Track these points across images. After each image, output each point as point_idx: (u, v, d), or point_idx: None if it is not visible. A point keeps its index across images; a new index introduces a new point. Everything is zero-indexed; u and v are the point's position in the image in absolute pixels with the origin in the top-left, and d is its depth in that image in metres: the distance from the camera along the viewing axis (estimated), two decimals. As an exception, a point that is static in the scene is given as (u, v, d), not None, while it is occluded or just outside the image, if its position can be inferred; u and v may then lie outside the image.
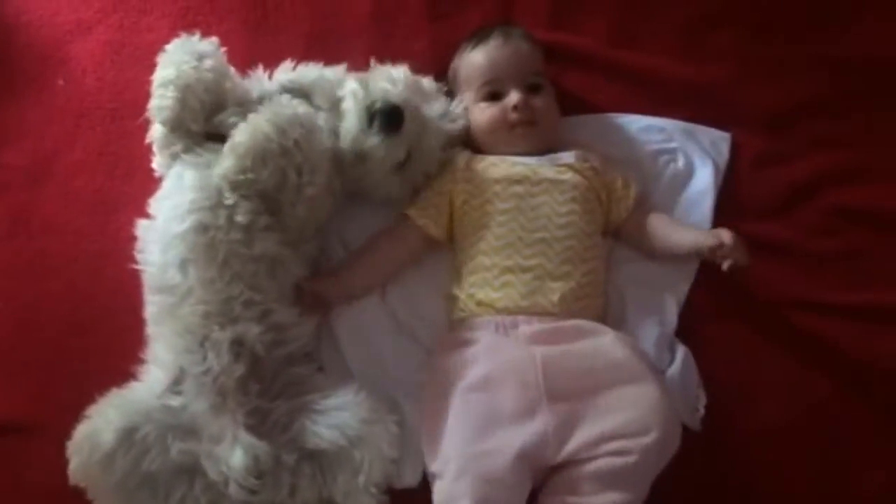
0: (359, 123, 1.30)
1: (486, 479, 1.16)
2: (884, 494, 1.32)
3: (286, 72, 1.40)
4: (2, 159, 1.51)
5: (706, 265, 1.39)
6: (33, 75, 1.56)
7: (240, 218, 1.23)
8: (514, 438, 1.18)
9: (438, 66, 1.49)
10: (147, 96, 1.48)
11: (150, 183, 1.41)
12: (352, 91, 1.32)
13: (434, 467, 1.22)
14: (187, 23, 1.57)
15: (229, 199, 1.23)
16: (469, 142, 1.44)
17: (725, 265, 1.27)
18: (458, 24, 1.54)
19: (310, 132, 1.25)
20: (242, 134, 1.22)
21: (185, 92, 1.27)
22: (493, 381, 1.23)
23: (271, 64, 1.44)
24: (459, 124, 1.39)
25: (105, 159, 1.51)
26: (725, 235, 1.28)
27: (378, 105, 1.29)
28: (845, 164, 1.47)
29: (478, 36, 1.44)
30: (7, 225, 1.47)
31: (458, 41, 1.49)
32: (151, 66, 1.52)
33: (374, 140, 1.29)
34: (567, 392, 1.21)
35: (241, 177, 1.21)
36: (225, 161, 1.23)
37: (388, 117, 1.29)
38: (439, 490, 1.19)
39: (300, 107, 1.29)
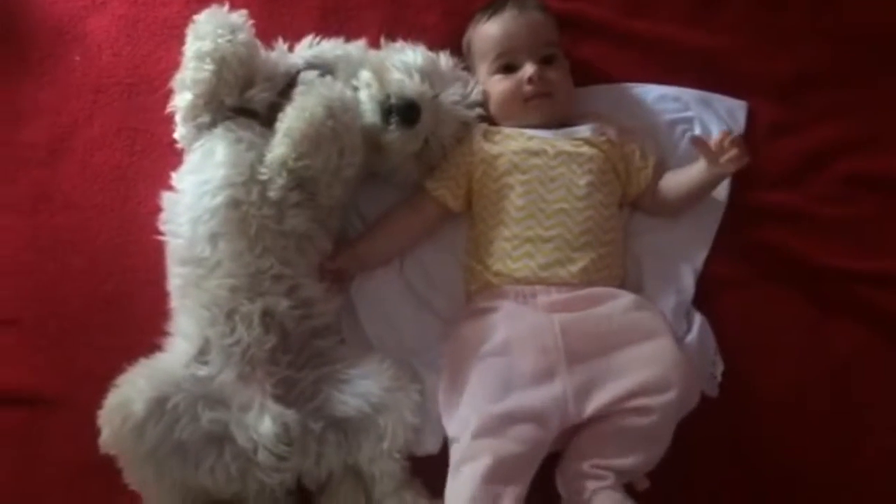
0: (374, 117, 1.29)
1: (505, 439, 1.17)
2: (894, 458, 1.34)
3: (306, 48, 1.39)
4: (21, 136, 1.51)
5: (722, 233, 1.41)
6: (49, 51, 1.56)
7: (272, 194, 1.24)
8: (533, 400, 1.20)
9: (452, 38, 1.49)
10: (163, 71, 1.51)
11: (169, 157, 1.43)
12: (366, 82, 1.31)
13: (452, 430, 1.24)
14: (201, -4, 1.57)
15: (264, 174, 1.23)
16: (485, 113, 1.43)
17: (729, 164, 1.29)
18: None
19: (355, 115, 1.25)
20: (297, 119, 1.21)
21: (222, 65, 1.26)
22: (512, 346, 1.24)
23: (286, 36, 1.43)
24: (476, 112, 1.38)
25: (123, 134, 1.51)
26: (719, 134, 1.30)
27: (393, 101, 1.28)
28: (856, 133, 1.47)
29: (492, 7, 1.43)
30: (29, 201, 1.48)
31: (470, 13, 1.48)
32: (166, 41, 1.56)
33: (391, 135, 1.29)
34: (585, 354, 1.23)
35: (300, 163, 1.21)
36: (280, 147, 1.22)
37: (405, 112, 1.28)
38: (458, 450, 1.20)
39: (338, 87, 1.28)
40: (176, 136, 1.36)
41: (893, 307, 1.38)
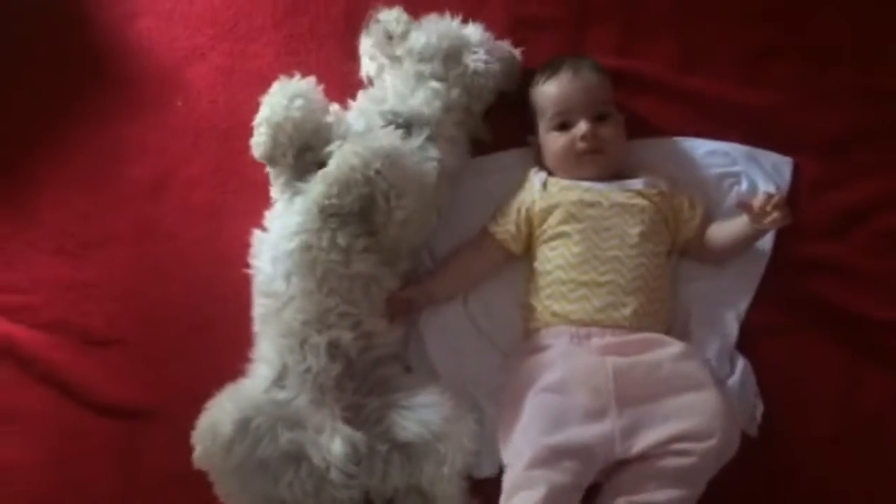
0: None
1: (555, 471, 1.23)
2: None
3: (378, 102, 1.47)
4: (128, 173, 1.61)
5: (766, 282, 1.45)
6: (154, 97, 1.66)
7: (340, 240, 1.33)
8: (584, 436, 1.26)
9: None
10: (254, 118, 1.58)
11: (258, 198, 1.50)
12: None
13: (507, 457, 1.30)
14: (290, 49, 1.66)
15: (332, 223, 1.33)
16: (542, 163, 1.50)
17: (771, 224, 1.33)
18: (532, 50, 1.58)
19: (394, 161, 1.32)
20: (331, 164, 1.33)
21: (276, 129, 1.38)
22: (566, 385, 1.30)
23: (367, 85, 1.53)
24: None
25: (218, 175, 1.59)
26: (762, 197, 1.34)
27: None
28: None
29: (550, 68, 1.49)
30: (133, 232, 1.57)
31: (533, 66, 1.55)
32: (258, 90, 1.59)
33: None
34: (635, 398, 1.28)
35: (328, 201, 1.31)
36: (315, 187, 1.33)
37: None
38: (510, 478, 1.27)
39: (387, 139, 1.36)
40: (271, 192, 1.45)
41: (928, 358, 1.41)
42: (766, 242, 1.46)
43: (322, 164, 1.37)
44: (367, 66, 1.56)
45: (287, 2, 1.69)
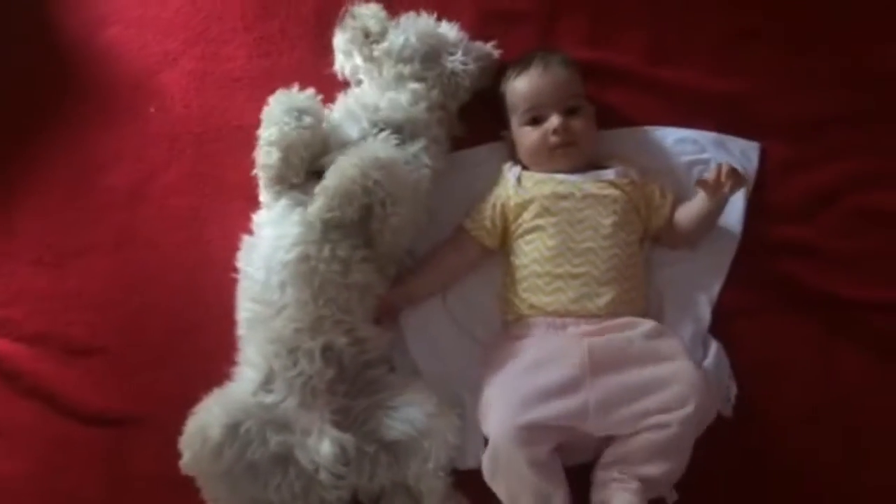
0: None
1: (532, 446, 1.26)
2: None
3: (371, 111, 1.45)
4: (104, 182, 1.60)
5: (737, 264, 1.47)
6: (128, 104, 1.64)
7: (341, 252, 1.33)
8: (558, 409, 1.27)
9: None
10: (229, 120, 1.60)
11: (236, 200, 1.52)
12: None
13: (487, 432, 1.32)
14: (262, 51, 1.65)
15: (333, 235, 1.32)
16: (516, 157, 1.51)
17: (726, 192, 1.36)
18: (504, 43, 1.57)
19: (390, 171, 1.32)
20: (330, 177, 1.32)
21: (288, 151, 1.35)
22: (542, 363, 1.32)
23: (340, 88, 1.52)
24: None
25: (195, 179, 1.58)
26: (713, 171, 1.37)
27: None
28: (865, 170, 1.51)
29: (520, 63, 1.49)
30: (112, 240, 1.56)
31: (504, 60, 1.55)
32: (232, 93, 1.62)
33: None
34: (608, 368, 1.30)
35: (330, 214, 1.31)
36: (316, 202, 1.32)
37: None
38: (489, 457, 1.29)
39: (382, 149, 1.36)
40: (260, 197, 1.43)
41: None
42: (736, 226, 1.48)
43: (316, 172, 1.37)
44: (340, 63, 1.54)
45: (257, 4, 1.67)
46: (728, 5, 1.61)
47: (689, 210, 1.44)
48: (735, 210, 1.49)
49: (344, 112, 1.46)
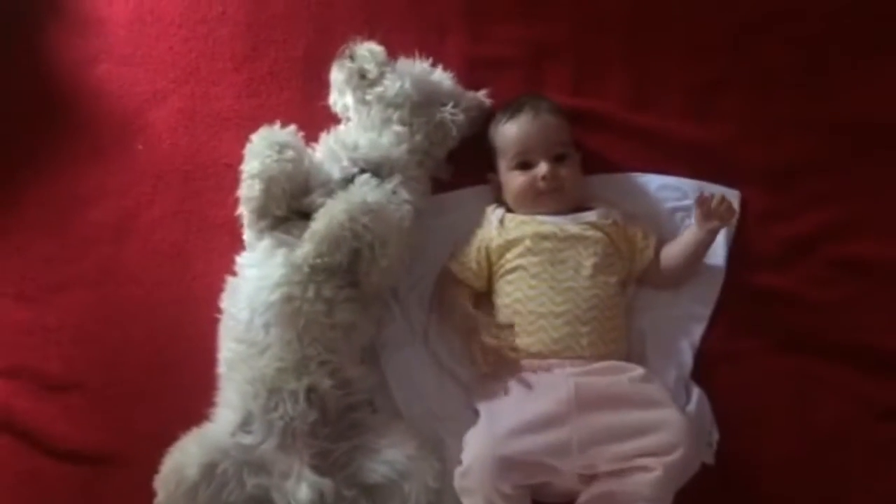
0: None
1: (510, 477, 1.24)
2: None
3: (350, 149, 1.44)
4: (89, 216, 1.58)
5: (718, 311, 1.45)
6: (115, 140, 1.63)
7: (326, 292, 1.31)
8: (539, 444, 1.25)
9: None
10: (216, 159, 1.59)
11: (221, 238, 1.51)
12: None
13: (464, 459, 1.29)
14: (251, 91, 1.64)
15: (318, 276, 1.30)
16: (501, 199, 1.50)
17: (718, 219, 1.38)
18: (494, 92, 1.56)
19: (378, 215, 1.31)
20: (319, 223, 1.30)
21: (270, 183, 1.34)
22: (527, 398, 1.30)
23: (324, 128, 1.50)
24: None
25: (181, 216, 1.57)
26: (704, 198, 1.38)
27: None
28: (841, 219, 1.51)
29: (511, 108, 1.49)
30: (95, 275, 1.54)
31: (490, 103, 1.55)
32: (219, 132, 1.62)
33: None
34: (595, 406, 1.28)
35: (319, 260, 1.29)
36: (304, 246, 1.30)
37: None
38: (466, 469, 1.27)
39: (371, 192, 1.34)
40: (244, 237, 1.42)
41: (869, 384, 1.42)
42: (719, 272, 1.47)
43: (301, 212, 1.36)
44: (334, 99, 1.53)
45: (247, 45, 1.67)
46: (699, 51, 1.62)
47: (677, 246, 1.44)
48: (718, 258, 1.48)
49: (325, 151, 1.45)
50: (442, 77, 1.50)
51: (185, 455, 1.27)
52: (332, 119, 1.54)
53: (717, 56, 1.61)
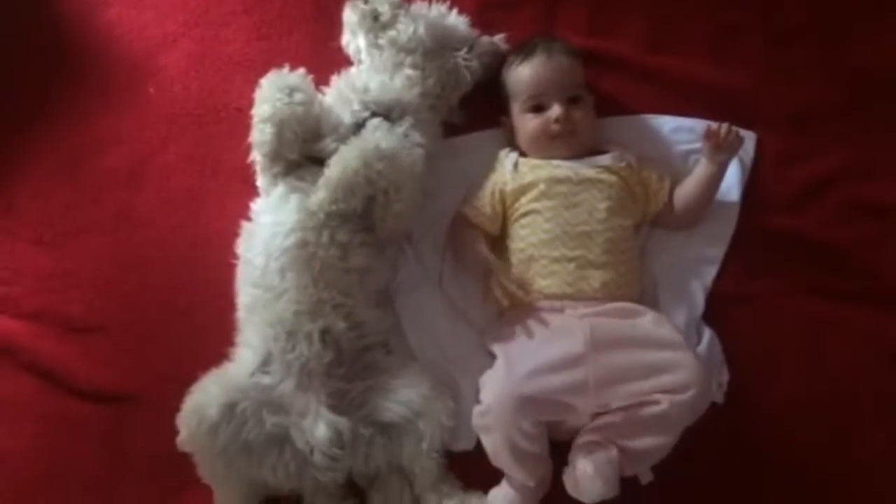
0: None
1: (528, 418, 1.25)
2: (882, 459, 1.39)
3: (361, 91, 1.42)
4: (103, 162, 1.57)
5: (731, 253, 1.45)
6: (127, 85, 1.61)
7: (340, 237, 1.31)
8: (556, 384, 1.26)
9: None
10: (227, 102, 1.58)
11: (235, 182, 1.50)
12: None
13: (484, 396, 1.31)
14: (261, 35, 1.62)
15: (332, 221, 1.30)
16: (514, 143, 1.48)
17: (729, 149, 1.39)
18: (503, 30, 1.53)
19: (391, 160, 1.30)
20: (333, 169, 1.29)
21: (281, 126, 1.32)
22: (544, 340, 1.31)
23: (335, 72, 1.48)
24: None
25: (194, 160, 1.56)
26: (712, 131, 1.38)
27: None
28: (858, 162, 1.49)
29: (524, 51, 1.46)
30: (111, 221, 1.54)
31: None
32: (230, 75, 1.60)
33: None
34: (611, 347, 1.28)
35: (333, 207, 1.28)
36: (319, 193, 1.30)
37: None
38: (485, 407, 1.28)
39: (384, 138, 1.32)
40: (257, 183, 1.42)
41: (884, 326, 1.42)
42: (733, 216, 1.46)
43: (313, 158, 1.35)
44: (347, 40, 1.51)
45: (256, -15, 1.64)
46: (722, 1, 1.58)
47: (689, 182, 1.43)
48: (731, 200, 1.47)
49: (336, 95, 1.43)
50: (457, 21, 1.47)
51: (206, 395, 1.28)
52: (343, 62, 1.52)
53: (734, 3, 1.58)
